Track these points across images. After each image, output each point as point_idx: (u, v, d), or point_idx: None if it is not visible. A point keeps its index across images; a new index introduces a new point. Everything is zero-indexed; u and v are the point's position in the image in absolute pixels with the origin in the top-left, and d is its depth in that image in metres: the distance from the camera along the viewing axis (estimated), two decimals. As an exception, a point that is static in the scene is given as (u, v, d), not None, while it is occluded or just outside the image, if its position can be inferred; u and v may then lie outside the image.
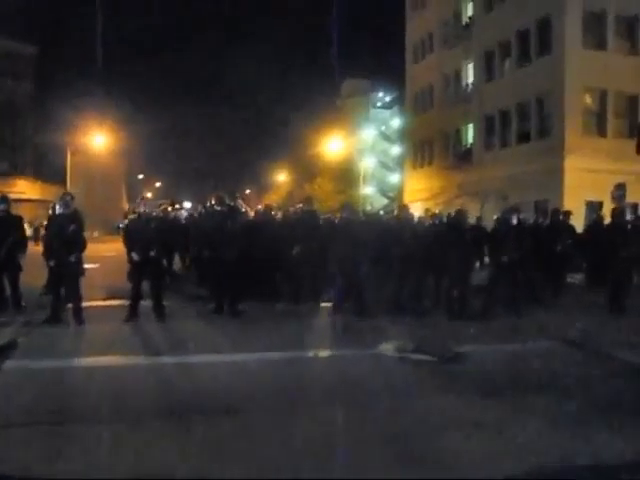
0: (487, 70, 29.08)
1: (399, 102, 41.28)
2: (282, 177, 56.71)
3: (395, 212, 13.03)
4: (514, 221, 10.01)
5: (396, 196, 42.04)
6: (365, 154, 49.20)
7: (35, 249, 12.02)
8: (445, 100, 32.63)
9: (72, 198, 9.37)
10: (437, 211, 17.55)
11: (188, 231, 12.83)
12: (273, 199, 58.19)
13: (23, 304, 9.78)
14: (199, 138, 68.27)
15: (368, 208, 42.33)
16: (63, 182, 45.02)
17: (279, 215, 13.84)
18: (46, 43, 60.96)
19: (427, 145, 35.42)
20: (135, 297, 9.38)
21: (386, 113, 49.26)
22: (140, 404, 5.18)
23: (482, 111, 29.40)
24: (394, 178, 46.43)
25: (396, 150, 46.58)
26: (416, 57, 36.55)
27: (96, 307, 10.21)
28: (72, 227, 8.94)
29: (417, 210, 32.01)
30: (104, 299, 11.16)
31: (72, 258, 8.83)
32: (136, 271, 9.41)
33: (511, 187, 25.53)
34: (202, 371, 6.41)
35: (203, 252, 10.25)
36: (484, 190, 28.26)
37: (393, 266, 10.24)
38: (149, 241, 9.33)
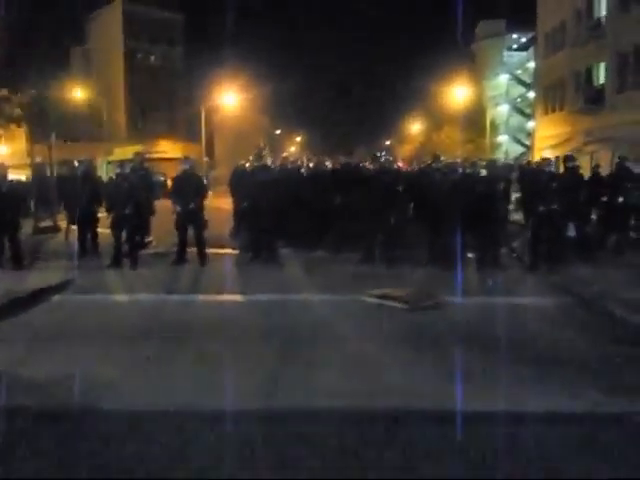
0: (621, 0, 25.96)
1: (535, 43, 38.22)
2: (416, 127, 55.71)
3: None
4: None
5: (532, 144, 39.49)
6: (498, 100, 46.51)
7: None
8: (577, 37, 29.69)
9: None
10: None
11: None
12: (407, 149, 57.71)
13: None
14: (338, 91, 69.01)
15: (500, 156, 40.46)
16: (207, 142, 48.45)
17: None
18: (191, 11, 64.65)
19: (558, 88, 32.66)
20: (182, 244, 10.41)
21: (522, 55, 45.74)
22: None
23: (615, 47, 26.42)
24: (530, 125, 43.50)
25: (532, 95, 43.46)
26: (547, -9, 33.50)
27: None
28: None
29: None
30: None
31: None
32: (180, 221, 10.40)
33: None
34: (206, 307, 7.41)
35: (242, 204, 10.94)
36: (615, 136, 25.74)
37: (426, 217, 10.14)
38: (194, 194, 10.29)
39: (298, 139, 74.68)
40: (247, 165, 13.63)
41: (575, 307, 7.19)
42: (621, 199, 10.08)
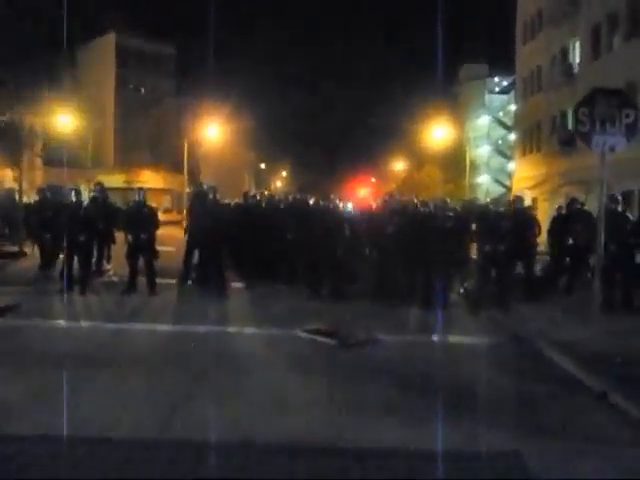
0: (593, 47, 26.73)
1: (515, 87, 39.20)
2: (400, 165, 56.36)
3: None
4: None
5: (511, 185, 40.05)
6: (480, 141, 47.32)
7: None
8: (552, 82, 30.48)
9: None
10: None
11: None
12: (392, 187, 58.23)
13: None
14: (322, 129, 69.92)
15: (480, 197, 40.86)
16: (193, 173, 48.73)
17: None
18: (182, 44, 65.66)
19: (535, 130, 33.34)
20: (132, 273, 10.39)
21: (503, 98, 46.80)
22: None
23: (586, 92, 27.11)
24: (511, 166, 44.22)
25: (513, 137, 44.32)
26: (525, 37, 34.41)
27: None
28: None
29: (526, 200, 30.64)
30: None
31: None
32: (131, 251, 10.40)
33: (616, 175, 23.32)
34: (138, 335, 7.36)
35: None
36: (588, 178, 26.17)
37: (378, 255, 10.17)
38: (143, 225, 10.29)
39: (284, 174, 75.22)
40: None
41: (508, 346, 7.18)
42: (571, 240, 10.18)
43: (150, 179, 48.50)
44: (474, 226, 10.04)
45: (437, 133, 40.34)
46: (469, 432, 4.37)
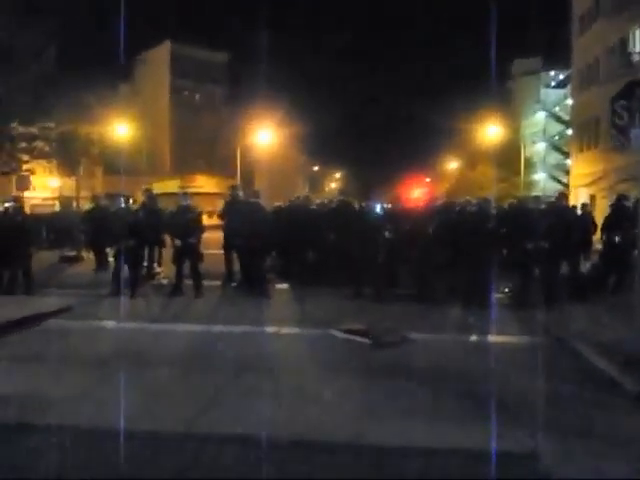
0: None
1: (571, 80, 37.97)
2: (453, 165, 55.61)
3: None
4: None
5: (569, 182, 38.82)
6: (536, 138, 46.06)
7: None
8: (610, 73, 29.37)
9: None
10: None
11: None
12: (444, 187, 57.52)
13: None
14: (376, 129, 69.72)
15: (535, 195, 39.77)
16: (247, 177, 49.71)
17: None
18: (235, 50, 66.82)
19: (592, 125, 32.19)
20: (178, 276, 10.72)
21: (559, 92, 45.34)
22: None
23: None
24: (568, 163, 42.84)
25: (570, 132, 42.90)
26: (582, 28, 33.33)
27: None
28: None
29: (583, 197, 29.65)
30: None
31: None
32: (177, 254, 10.74)
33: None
34: (178, 336, 7.64)
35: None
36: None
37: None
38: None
39: (337, 175, 75.38)
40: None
41: (547, 347, 7.01)
42: (617, 239, 9.84)
43: (204, 184, 49.66)
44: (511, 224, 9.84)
45: (490, 131, 39.61)
46: (491, 432, 4.32)
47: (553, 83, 47.89)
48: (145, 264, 13.01)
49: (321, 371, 5.90)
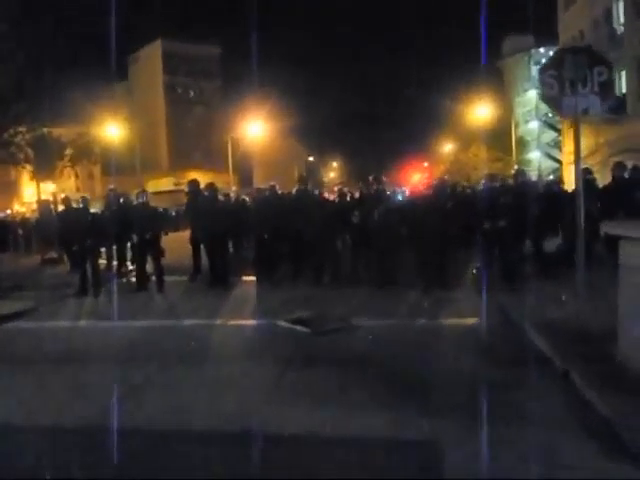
0: (638, 7, 25.15)
1: (561, 55, 37.47)
2: (448, 147, 55.10)
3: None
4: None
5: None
6: (528, 116, 45.54)
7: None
8: (595, 47, 28.91)
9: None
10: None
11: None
12: (441, 169, 57.11)
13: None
14: (368, 116, 69.25)
15: (531, 173, 39.35)
16: (243, 172, 49.71)
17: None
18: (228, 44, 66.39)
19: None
20: (139, 272, 10.68)
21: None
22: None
23: (635, 54, 25.59)
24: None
25: (564, 108, 42.41)
26: (567, 2, 32.80)
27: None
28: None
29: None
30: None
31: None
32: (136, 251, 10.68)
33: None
34: (124, 331, 7.46)
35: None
36: (638, 146, 24.77)
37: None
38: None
39: (334, 164, 75.03)
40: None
41: (495, 329, 6.84)
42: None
43: (198, 179, 49.31)
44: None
45: (482, 111, 39.16)
46: (402, 419, 4.20)
47: (544, 60, 47.18)
48: (115, 262, 13.05)
49: (250, 361, 5.82)
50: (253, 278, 10.95)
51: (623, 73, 27.39)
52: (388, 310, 7.86)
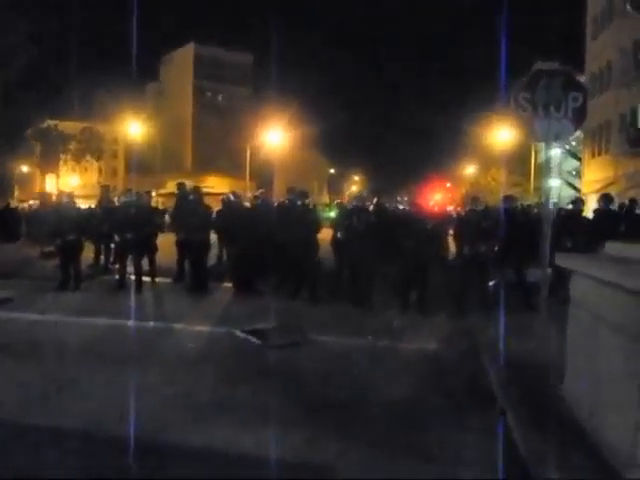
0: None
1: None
2: (470, 169, 54.76)
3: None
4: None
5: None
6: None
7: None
8: (622, 77, 28.45)
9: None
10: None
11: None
12: (461, 191, 56.68)
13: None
14: (391, 134, 69.23)
15: (550, 200, 38.67)
16: (264, 180, 49.92)
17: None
18: (261, 52, 66.90)
19: (604, 130, 31.28)
20: (120, 271, 10.63)
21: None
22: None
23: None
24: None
25: (588, 138, 41.76)
26: (595, 32, 32.39)
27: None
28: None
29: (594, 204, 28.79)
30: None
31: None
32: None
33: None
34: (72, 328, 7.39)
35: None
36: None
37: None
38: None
39: (356, 178, 74.97)
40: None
41: (451, 357, 6.58)
42: (569, 244, 9.27)
43: (215, 184, 49.88)
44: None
45: (503, 135, 38.79)
46: (311, 440, 4.00)
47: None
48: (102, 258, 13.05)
49: (183, 369, 5.65)
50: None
51: (647, 106, 26.96)
52: (354, 328, 7.65)
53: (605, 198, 10.09)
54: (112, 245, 12.31)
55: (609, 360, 3.89)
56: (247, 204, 12.64)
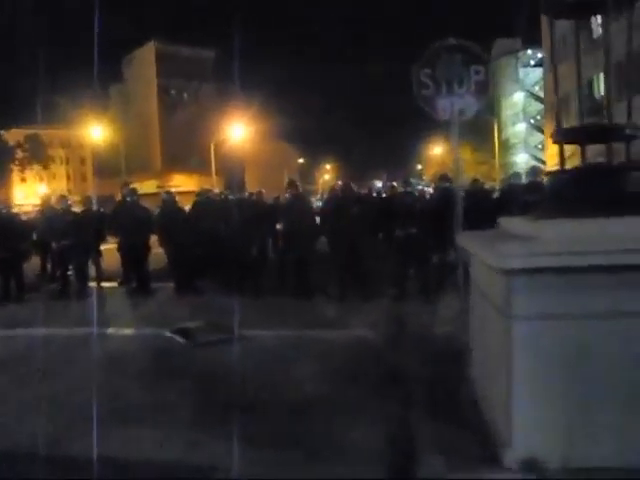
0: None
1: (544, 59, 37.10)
2: (437, 150, 54.83)
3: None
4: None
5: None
6: (515, 118, 45.16)
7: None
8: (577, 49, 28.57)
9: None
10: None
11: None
12: (431, 172, 56.83)
13: None
14: (358, 120, 69.08)
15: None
16: (233, 175, 49.58)
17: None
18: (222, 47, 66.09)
19: (564, 102, 31.42)
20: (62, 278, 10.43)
21: (538, 72, 44.23)
22: None
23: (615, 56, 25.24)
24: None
25: (551, 111, 42.00)
26: (548, 4, 32.52)
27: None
28: None
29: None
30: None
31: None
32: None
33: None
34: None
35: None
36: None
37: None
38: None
39: (328, 167, 74.78)
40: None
41: (382, 343, 6.51)
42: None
43: (182, 182, 49.47)
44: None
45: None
46: (207, 441, 3.93)
47: (532, 62, 46.87)
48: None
49: (98, 373, 5.49)
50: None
51: (602, 77, 27.08)
52: (290, 320, 7.55)
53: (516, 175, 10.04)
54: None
55: (490, 336, 3.85)
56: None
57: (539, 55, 44.87)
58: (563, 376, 3.19)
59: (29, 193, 60.69)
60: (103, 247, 12.13)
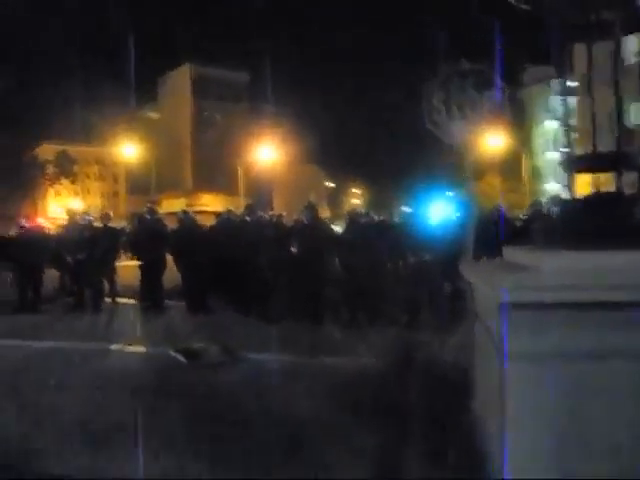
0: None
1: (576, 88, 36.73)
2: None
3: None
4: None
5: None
6: (547, 147, 44.59)
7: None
8: (608, 77, 28.20)
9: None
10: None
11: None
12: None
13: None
14: (387, 146, 69.05)
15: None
16: (262, 196, 50.10)
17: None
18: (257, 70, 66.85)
19: (596, 130, 30.99)
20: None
21: (570, 100, 43.58)
22: None
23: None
24: (582, 171, 41.50)
25: (584, 140, 41.45)
26: (581, 33, 32.28)
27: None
28: None
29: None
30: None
31: None
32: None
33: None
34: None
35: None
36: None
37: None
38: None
39: (355, 191, 74.84)
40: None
41: (380, 371, 6.32)
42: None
43: (210, 202, 49.98)
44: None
45: (496, 141, 38.56)
46: (182, 465, 3.81)
47: (564, 90, 46.29)
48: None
49: (92, 392, 5.44)
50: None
51: (633, 105, 26.64)
52: (297, 345, 7.40)
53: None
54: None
55: (487, 369, 3.67)
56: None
57: (571, 84, 44.40)
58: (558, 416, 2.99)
59: (64, 207, 61.95)
60: (127, 264, 12.31)
